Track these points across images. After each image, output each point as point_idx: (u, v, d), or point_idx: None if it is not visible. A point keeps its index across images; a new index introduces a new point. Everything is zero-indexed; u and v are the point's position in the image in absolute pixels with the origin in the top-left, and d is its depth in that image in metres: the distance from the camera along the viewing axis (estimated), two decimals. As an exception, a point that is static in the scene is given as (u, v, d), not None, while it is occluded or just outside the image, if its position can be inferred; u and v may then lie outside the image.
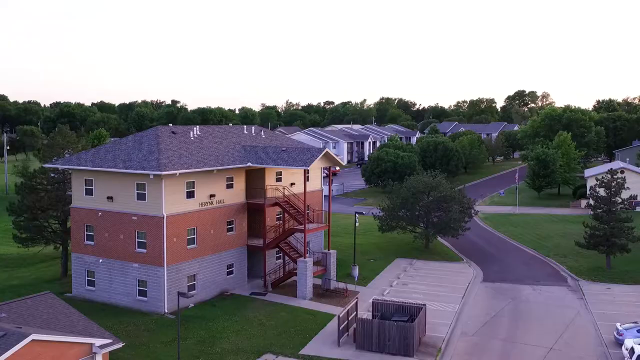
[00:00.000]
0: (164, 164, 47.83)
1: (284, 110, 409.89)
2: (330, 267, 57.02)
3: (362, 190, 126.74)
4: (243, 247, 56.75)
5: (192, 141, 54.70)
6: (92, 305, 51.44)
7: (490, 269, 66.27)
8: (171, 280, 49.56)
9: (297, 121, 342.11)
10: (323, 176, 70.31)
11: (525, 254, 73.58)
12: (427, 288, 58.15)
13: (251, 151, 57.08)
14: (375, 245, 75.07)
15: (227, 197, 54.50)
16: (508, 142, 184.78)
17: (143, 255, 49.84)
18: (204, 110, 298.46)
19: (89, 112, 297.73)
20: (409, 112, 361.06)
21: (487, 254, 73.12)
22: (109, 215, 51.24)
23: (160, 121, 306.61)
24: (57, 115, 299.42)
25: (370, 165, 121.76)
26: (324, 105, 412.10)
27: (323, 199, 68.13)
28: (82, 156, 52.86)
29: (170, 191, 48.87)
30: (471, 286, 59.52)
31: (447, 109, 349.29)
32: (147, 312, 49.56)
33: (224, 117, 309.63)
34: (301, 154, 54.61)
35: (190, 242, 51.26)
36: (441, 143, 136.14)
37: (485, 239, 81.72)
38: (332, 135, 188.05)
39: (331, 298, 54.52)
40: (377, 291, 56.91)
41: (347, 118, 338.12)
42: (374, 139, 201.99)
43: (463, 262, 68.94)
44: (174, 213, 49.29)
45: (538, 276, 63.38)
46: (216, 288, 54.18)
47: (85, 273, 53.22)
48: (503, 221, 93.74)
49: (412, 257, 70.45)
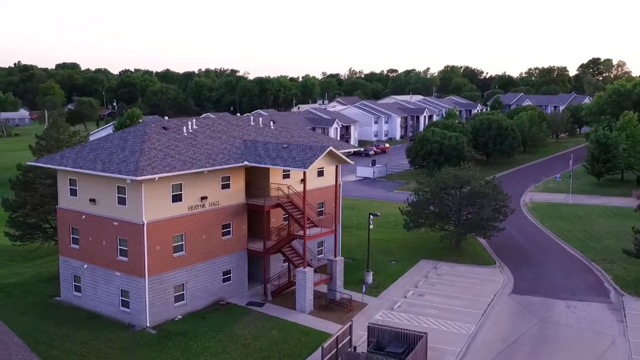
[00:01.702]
0: (142, 167, 43.54)
1: (347, 79, 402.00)
2: (337, 276, 51.87)
3: (407, 172, 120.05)
4: (242, 251, 52.29)
5: (185, 137, 50.18)
6: (76, 313, 48.49)
7: (524, 276, 59.47)
8: (154, 291, 45.70)
9: (357, 90, 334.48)
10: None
11: (567, 256, 66.11)
12: (445, 301, 52.22)
13: (251, 147, 52.13)
14: (401, 243, 69.25)
15: (222, 198, 49.95)
16: (574, 117, 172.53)
17: (125, 264, 46.16)
18: (262, 80, 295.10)
19: (149, 82, 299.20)
20: (475, 80, 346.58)
21: (525, 256, 66.07)
22: (92, 219, 47.68)
23: (219, 91, 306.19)
24: (119, 85, 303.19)
25: (415, 145, 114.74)
26: (387, 73, 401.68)
27: (340, 195, 62.62)
28: (66, 154, 49.27)
29: (151, 196, 44.68)
30: (496, 299, 53.14)
31: (514, 78, 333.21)
32: (130, 325, 46.00)
33: (282, 86, 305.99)
34: (302, 153, 49.23)
35: (178, 250, 47.14)
36: (495, 121, 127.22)
37: (527, 235, 74.36)
38: (385, 109, 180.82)
39: (333, 312, 49.52)
40: (387, 304, 51.45)
41: (409, 87, 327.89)
42: (430, 113, 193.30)
43: (494, 267, 62.29)
44: (156, 219, 45.15)
45: (576, 288, 56.22)
46: (210, 297, 50.11)
47: (72, 278, 50.15)
48: (551, 213, 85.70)
49: (439, 258, 64.31)
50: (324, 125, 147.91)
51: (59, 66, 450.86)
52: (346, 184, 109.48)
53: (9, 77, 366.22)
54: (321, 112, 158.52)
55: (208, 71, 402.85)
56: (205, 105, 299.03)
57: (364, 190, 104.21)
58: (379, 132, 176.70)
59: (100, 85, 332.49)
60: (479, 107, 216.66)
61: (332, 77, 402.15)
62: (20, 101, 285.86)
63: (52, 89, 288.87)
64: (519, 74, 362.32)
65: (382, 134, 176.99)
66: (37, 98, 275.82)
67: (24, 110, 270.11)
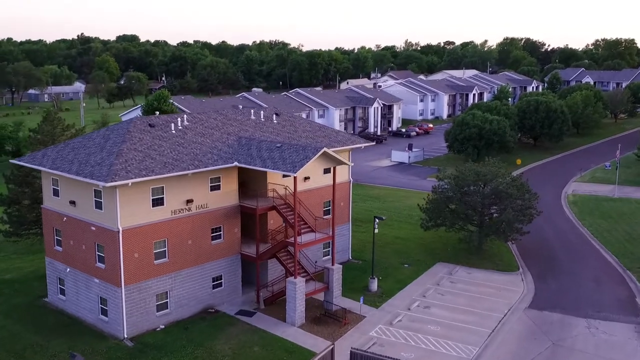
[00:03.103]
0: (115, 172, 40.69)
1: (402, 51, 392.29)
2: (333, 286, 48.17)
3: (445, 157, 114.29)
4: (235, 255, 49.20)
5: (172, 136, 47.06)
6: (59, 318, 46.65)
7: (547, 286, 54.36)
8: (132, 301, 43.18)
9: (411, 64, 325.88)
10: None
11: (601, 262, 60.40)
12: (452, 315, 47.89)
13: (245, 146, 48.63)
14: (420, 242, 64.81)
15: (211, 201, 46.80)
16: (635, 97, 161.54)
17: (103, 271, 43.77)
18: (312, 54, 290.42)
19: (200, 56, 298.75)
20: (535, 54, 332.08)
21: (553, 260, 60.71)
22: (73, 222, 45.41)
23: (270, 65, 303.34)
24: (170, 59, 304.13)
25: (454, 129, 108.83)
26: (444, 45, 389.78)
27: (351, 192, 58.70)
28: (48, 153, 46.95)
29: (128, 201, 41.88)
30: (509, 315, 48.44)
31: (578, 51, 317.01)
32: (108, 335, 43.81)
33: (333, 60, 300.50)
34: (294, 154, 45.39)
35: (160, 256, 44.38)
36: (543, 103, 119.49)
37: (561, 234, 68.66)
38: (431, 87, 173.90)
39: (326, 325, 45.96)
40: (387, 317, 47.52)
41: (465, 61, 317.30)
42: (481, 90, 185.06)
43: (516, 274, 57.27)
44: (134, 225, 42.40)
45: (603, 302, 50.85)
46: (198, 305, 47.37)
47: (57, 280, 48.26)
48: (592, 208, 79.29)
49: (458, 261, 59.74)
50: (365, 105, 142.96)
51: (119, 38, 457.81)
52: (378, 170, 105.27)
53: (68, 50, 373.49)
54: (363, 91, 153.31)
55: (262, 43, 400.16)
56: (255, 80, 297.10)
57: (394, 177, 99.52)
58: (425, 110, 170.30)
59: (154, 58, 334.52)
60: (534, 83, 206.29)
61: (387, 49, 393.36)
62: (75, 75, 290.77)
63: (107, 63, 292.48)
64: (584, 46, 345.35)
65: (428, 112, 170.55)
66: (92, 71, 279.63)
67: (79, 84, 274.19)
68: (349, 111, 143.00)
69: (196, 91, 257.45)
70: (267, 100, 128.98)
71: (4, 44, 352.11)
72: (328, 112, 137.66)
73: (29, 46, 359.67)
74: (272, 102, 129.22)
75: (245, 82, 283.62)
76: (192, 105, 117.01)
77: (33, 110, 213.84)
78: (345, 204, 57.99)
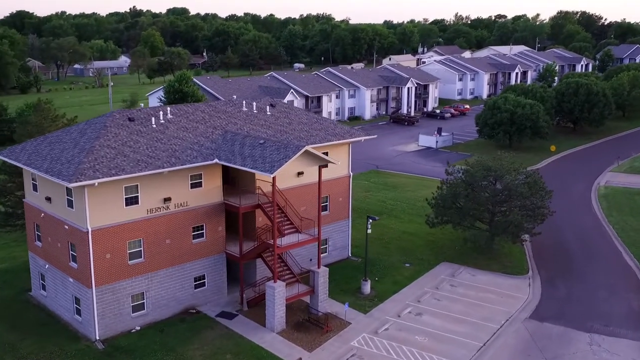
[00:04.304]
0: (81, 171, 39.07)
1: (451, 25, 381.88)
2: (319, 290, 45.83)
3: (476, 142, 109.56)
4: (219, 255, 47.36)
5: (151, 130, 45.14)
6: (38, 315, 45.98)
7: (555, 293, 50.77)
8: (105, 302, 41.91)
9: (459, 39, 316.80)
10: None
11: (621, 266, 56.24)
12: (444, 325, 44.98)
13: (229, 141, 46.38)
14: (428, 238, 61.72)
15: (192, 198, 44.91)
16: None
17: (75, 271, 42.61)
18: (355, 28, 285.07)
19: (243, 30, 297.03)
20: (590, 28, 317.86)
21: (568, 263, 56.85)
22: (49, 219, 44.29)
23: (313, 39, 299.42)
24: (213, 34, 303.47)
25: (484, 113, 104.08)
26: (495, 19, 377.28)
27: (351, 186, 55.99)
28: (27, 147, 45.74)
29: (98, 201, 40.32)
30: (507, 326, 45.23)
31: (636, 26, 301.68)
32: (82, 335, 42.80)
33: (377, 35, 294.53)
34: (275, 152, 42.87)
35: (135, 256, 42.87)
36: (583, 85, 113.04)
37: (582, 232, 64.38)
38: (471, 65, 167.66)
39: (307, 332, 43.78)
40: (374, 325, 44.99)
41: (515, 36, 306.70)
42: (525, 69, 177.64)
43: (524, 277, 53.71)
44: (104, 225, 40.89)
45: (613, 314, 47.04)
46: (178, 305, 45.86)
47: (39, 276, 47.49)
48: (623, 203, 74.34)
49: (464, 261, 56.51)
50: (398, 84, 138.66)
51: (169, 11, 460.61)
52: (402, 155, 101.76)
53: (117, 24, 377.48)
54: (399, 70, 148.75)
55: (308, 17, 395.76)
56: (298, 55, 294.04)
57: (418, 164, 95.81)
58: (464, 90, 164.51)
59: (200, 32, 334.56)
60: (583, 61, 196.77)
61: (436, 23, 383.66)
62: (120, 49, 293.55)
63: (152, 37, 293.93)
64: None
65: (467, 92, 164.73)
66: (138, 46, 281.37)
67: (124, 59, 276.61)
68: (381, 91, 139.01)
69: (237, 67, 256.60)
70: (295, 80, 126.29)
71: (54, 18, 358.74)
72: (359, 92, 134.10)
73: (80, 20, 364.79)
74: (301, 81, 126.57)
75: (287, 58, 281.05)
76: (216, 85, 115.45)
77: (75, 85, 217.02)
78: (344, 199, 55.37)
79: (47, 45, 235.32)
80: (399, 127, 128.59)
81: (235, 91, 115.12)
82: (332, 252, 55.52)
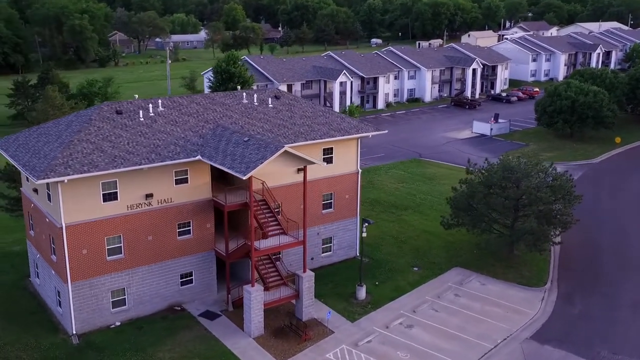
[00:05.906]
0: (52, 167, 38.60)
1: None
2: (303, 294, 43.89)
3: (534, 131, 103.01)
4: (208, 252, 46.27)
5: (137, 124, 44.21)
6: (29, 303, 46.79)
7: (568, 309, 46.55)
8: (82, 297, 41.76)
9: (549, 13, 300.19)
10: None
11: (654, 283, 51.00)
12: (433, 340, 42.06)
13: (218, 136, 44.80)
14: (446, 239, 58.21)
15: (176, 195, 43.85)
16: None
17: (55, 264, 42.69)
18: (437, 3, 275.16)
19: (322, 4, 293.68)
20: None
21: (595, 275, 52.08)
22: (36, 210, 44.58)
23: (394, 14, 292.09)
24: (292, 8, 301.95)
25: (543, 100, 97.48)
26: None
27: (359, 183, 53.40)
28: (20, 136, 45.96)
29: (73, 195, 39.91)
30: (503, 346, 41.75)
31: None
32: (62, 328, 43.03)
33: (459, 9, 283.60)
34: (255, 152, 40.91)
35: (114, 252, 42.39)
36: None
37: (620, 241, 58.81)
38: (548, 45, 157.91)
39: (285, 339, 42.07)
40: (357, 335, 42.66)
41: (611, 10, 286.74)
42: (609, 49, 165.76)
43: (540, 290, 49.55)
44: (80, 221, 40.49)
45: (628, 339, 42.43)
46: (163, 302, 45.25)
47: (34, 264, 48.14)
48: (679, 208, 67.55)
49: (478, 268, 52.83)
50: (462, 65, 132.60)
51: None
52: (451, 143, 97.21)
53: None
54: (465, 49, 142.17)
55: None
56: (377, 30, 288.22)
57: (466, 154, 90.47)
58: (538, 71, 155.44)
59: (282, 5, 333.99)
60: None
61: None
62: (200, 23, 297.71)
63: (235, 10, 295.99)
64: None
65: (542, 73, 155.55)
66: (221, 19, 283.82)
67: (204, 33, 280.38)
68: (445, 72, 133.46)
69: (312, 42, 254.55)
70: (352, 60, 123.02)
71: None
72: (419, 73, 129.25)
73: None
74: (358, 61, 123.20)
75: (365, 33, 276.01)
76: (269, 65, 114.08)
77: (153, 59, 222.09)
78: (351, 197, 52.90)
79: (128, 20, 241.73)
80: (460, 110, 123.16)
81: (288, 71, 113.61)
82: (338, 252, 53.38)
